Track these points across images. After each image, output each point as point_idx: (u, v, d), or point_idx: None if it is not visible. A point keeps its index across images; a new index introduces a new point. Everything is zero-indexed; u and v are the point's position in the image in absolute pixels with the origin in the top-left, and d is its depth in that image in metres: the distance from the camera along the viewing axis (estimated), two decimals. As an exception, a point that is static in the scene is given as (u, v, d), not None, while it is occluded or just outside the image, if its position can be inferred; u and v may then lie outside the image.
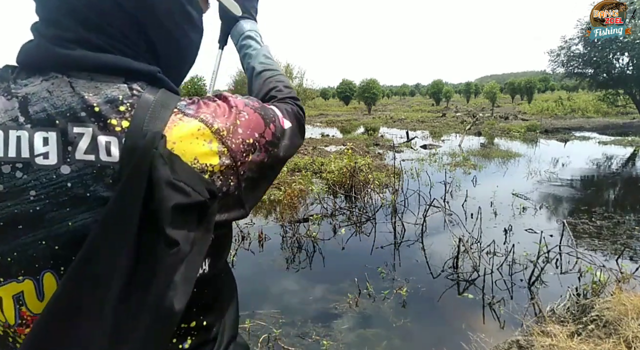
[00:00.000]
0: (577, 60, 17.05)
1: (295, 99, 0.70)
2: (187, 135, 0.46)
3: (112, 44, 0.48)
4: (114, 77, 0.47)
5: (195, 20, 0.56)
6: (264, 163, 0.54)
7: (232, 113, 0.51)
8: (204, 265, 0.51)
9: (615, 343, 2.21)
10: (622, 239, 4.21)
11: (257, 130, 0.53)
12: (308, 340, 2.60)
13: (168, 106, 0.47)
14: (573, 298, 2.87)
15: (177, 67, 0.58)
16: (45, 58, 0.46)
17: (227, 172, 0.49)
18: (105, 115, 0.44)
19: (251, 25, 0.82)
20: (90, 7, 0.46)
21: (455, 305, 3.08)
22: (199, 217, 0.43)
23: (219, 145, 0.48)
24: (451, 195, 5.91)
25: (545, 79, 40.40)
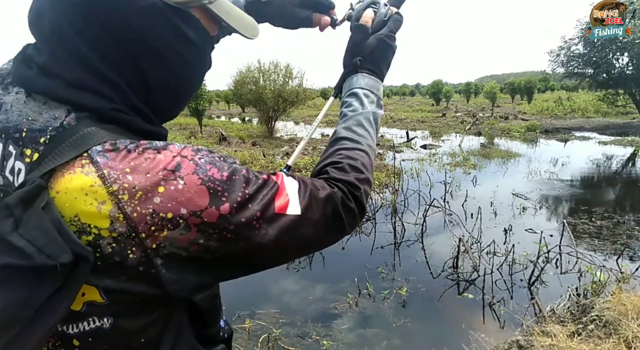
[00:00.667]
0: (577, 61, 17.04)
1: (354, 187, 0.56)
2: (75, 188, 0.41)
3: (74, 73, 0.46)
4: (61, 106, 0.45)
5: (196, 44, 0.52)
6: (206, 246, 0.44)
7: (157, 176, 0.42)
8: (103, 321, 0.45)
9: (615, 343, 2.21)
10: (622, 239, 4.21)
11: (187, 206, 0.42)
12: (308, 340, 2.60)
13: (80, 147, 0.42)
14: (573, 298, 2.87)
15: (175, 90, 0.54)
16: (17, 74, 0.48)
17: (124, 241, 0.42)
18: (27, 143, 0.44)
19: (367, 82, 0.67)
20: (80, 37, 0.45)
21: (455, 305, 3.08)
22: (52, 280, 0.38)
23: (112, 209, 0.41)
24: (451, 195, 5.91)
25: (545, 79, 40.37)
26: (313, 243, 0.53)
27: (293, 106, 14.03)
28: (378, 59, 0.68)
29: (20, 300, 0.38)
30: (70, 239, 0.39)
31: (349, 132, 0.63)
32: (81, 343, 0.46)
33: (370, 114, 0.65)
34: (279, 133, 14.86)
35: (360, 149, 0.61)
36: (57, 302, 0.39)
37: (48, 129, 0.44)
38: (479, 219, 4.44)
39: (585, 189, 6.66)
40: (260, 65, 13.51)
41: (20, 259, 0.37)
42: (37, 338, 0.39)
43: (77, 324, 0.45)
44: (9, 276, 0.38)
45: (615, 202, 5.89)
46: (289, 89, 13.35)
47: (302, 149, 0.75)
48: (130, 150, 0.43)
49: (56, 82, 0.45)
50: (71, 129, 0.44)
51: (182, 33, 0.50)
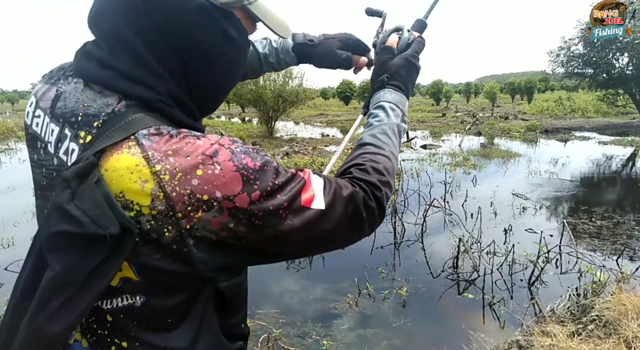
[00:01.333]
0: (577, 61, 17.04)
1: (375, 188, 0.58)
2: (122, 167, 0.44)
3: (128, 69, 0.50)
4: (115, 95, 0.50)
5: (235, 40, 0.55)
6: (236, 231, 0.47)
7: (197, 159, 0.45)
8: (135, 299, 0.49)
9: (615, 343, 2.21)
10: (622, 239, 4.21)
11: (221, 190, 0.45)
12: (308, 340, 2.60)
13: (128, 130, 0.46)
14: (573, 298, 2.87)
15: (216, 86, 0.58)
16: (77, 66, 0.54)
17: (162, 219, 0.44)
18: (81, 126, 0.49)
19: (393, 97, 0.70)
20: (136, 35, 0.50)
21: (455, 305, 3.08)
22: (101, 249, 0.42)
23: (154, 188, 0.44)
24: (451, 195, 5.91)
25: (545, 79, 40.32)
26: (333, 239, 0.55)
27: (293, 106, 14.02)
28: (403, 77, 0.72)
29: (74, 266, 0.41)
30: (118, 212, 0.42)
31: (373, 138, 0.65)
32: (113, 319, 0.49)
33: (395, 125, 0.68)
34: (279, 133, 14.86)
35: (383, 155, 0.64)
36: (104, 271, 0.42)
37: (101, 114, 0.49)
38: (479, 219, 4.44)
39: (585, 189, 6.66)
40: (260, 65, 13.49)
41: (76, 227, 0.41)
42: (85, 303, 0.42)
43: (112, 299, 0.48)
44: (65, 243, 0.42)
45: (615, 202, 5.88)
46: (289, 89, 13.35)
47: (334, 163, 0.80)
48: (172, 135, 0.47)
49: (112, 74, 0.50)
50: (121, 115, 0.48)
51: (227, 32, 0.54)
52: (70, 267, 0.41)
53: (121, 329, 0.50)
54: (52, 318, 0.41)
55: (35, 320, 0.41)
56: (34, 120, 0.55)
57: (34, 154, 0.55)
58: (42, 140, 0.53)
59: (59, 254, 0.42)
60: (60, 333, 0.41)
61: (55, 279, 0.41)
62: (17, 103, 52.39)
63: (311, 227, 0.51)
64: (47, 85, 0.55)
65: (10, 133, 15.30)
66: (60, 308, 0.41)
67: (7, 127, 16.07)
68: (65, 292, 0.41)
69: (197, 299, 0.53)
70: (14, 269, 3.55)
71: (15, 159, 10.10)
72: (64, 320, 0.41)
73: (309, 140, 12.48)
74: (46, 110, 0.53)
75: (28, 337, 0.41)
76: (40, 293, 0.42)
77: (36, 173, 0.54)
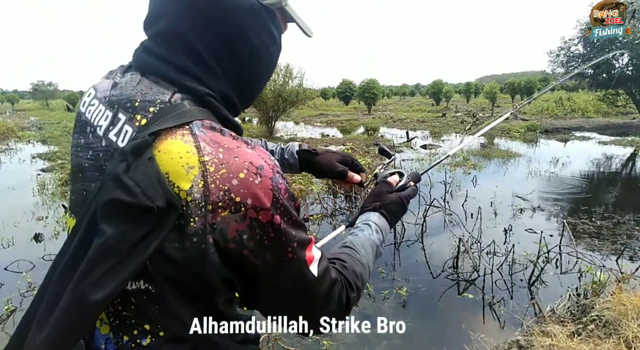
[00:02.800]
0: (577, 61, 17.04)
1: (351, 288, 0.61)
2: (174, 150, 0.47)
3: (183, 64, 0.54)
4: (170, 86, 0.54)
5: (276, 38, 0.60)
6: (243, 247, 0.48)
7: (243, 164, 0.48)
8: (149, 286, 0.49)
9: (615, 343, 2.21)
10: (622, 239, 4.21)
11: (253, 199, 0.47)
12: (308, 340, 2.60)
13: (183, 119, 0.50)
14: (573, 298, 2.87)
15: (258, 81, 0.62)
16: (136, 60, 0.58)
17: (193, 208, 0.46)
18: (137, 110, 0.52)
19: (381, 222, 0.77)
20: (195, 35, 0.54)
21: (455, 305, 3.08)
22: (147, 221, 0.44)
23: (197, 175, 0.46)
24: (451, 195, 5.91)
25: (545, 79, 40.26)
26: (308, 308, 0.57)
27: (293, 106, 14.02)
28: (393, 211, 0.81)
29: (121, 234, 0.44)
30: (166, 188, 0.45)
31: (358, 246, 0.70)
32: (136, 301, 0.50)
33: (375, 245, 0.74)
34: (279, 133, 14.86)
35: (362, 263, 0.68)
36: (147, 243, 0.44)
37: (157, 101, 0.52)
38: (479, 219, 4.44)
39: (585, 189, 6.66)
40: (260, 65, 13.49)
41: (128, 196, 0.43)
42: (126, 273, 0.44)
43: (136, 281, 0.49)
44: (116, 210, 0.44)
45: (615, 202, 5.88)
46: (289, 89, 13.34)
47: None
48: (224, 133, 0.50)
49: (168, 67, 0.54)
50: (176, 105, 0.51)
51: (270, 30, 0.59)
52: (118, 235, 0.43)
53: (144, 312, 0.51)
54: (95, 285, 0.43)
55: (79, 286, 0.43)
56: (89, 108, 0.58)
57: (81, 139, 0.58)
58: (92, 125, 0.56)
59: (110, 221, 0.44)
60: (101, 300, 0.43)
61: (103, 245, 0.43)
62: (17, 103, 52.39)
63: (302, 282, 0.54)
64: (107, 79, 0.60)
65: (10, 133, 15.29)
66: (104, 276, 0.43)
67: (7, 127, 16.06)
68: (110, 260, 0.43)
69: (211, 298, 0.54)
70: (13, 269, 3.54)
71: (15, 159, 10.10)
72: (106, 288, 0.43)
73: (309, 140, 12.47)
74: (102, 99, 0.57)
75: (71, 302, 0.43)
76: (87, 260, 0.44)
77: (80, 157, 0.57)
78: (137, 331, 0.51)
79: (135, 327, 0.51)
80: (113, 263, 0.43)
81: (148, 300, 0.50)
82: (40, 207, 5.64)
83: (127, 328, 0.51)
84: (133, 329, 0.51)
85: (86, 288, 0.43)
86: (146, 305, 0.50)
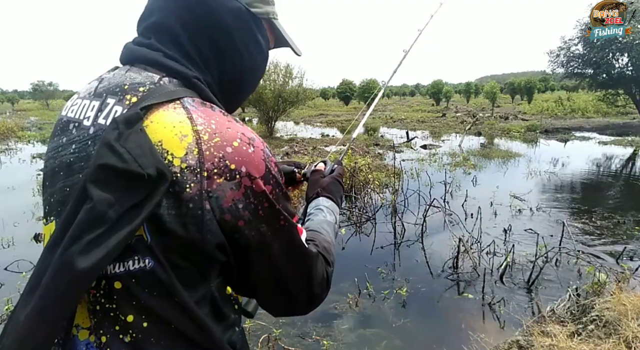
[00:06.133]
0: (577, 61, 17.05)
1: (328, 263, 0.65)
2: (167, 121, 0.48)
3: (171, 52, 0.56)
4: (158, 71, 0.55)
5: (262, 45, 0.63)
6: (239, 217, 0.49)
7: (236, 134, 0.50)
8: (145, 263, 0.48)
9: (615, 343, 2.21)
10: (622, 239, 4.21)
11: (248, 167, 0.49)
12: (308, 340, 2.59)
13: (172, 96, 0.51)
14: (573, 298, 2.87)
15: (240, 83, 0.64)
16: (125, 54, 0.59)
17: (188, 174, 0.46)
18: (127, 92, 0.52)
19: (329, 204, 0.82)
20: (178, 19, 0.57)
21: (455, 305, 3.08)
22: (138, 189, 0.44)
23: (191, 142, 0.47)
24: (451, 195, 5.91)
25: (545, 79, 40.28)
26: (304, 280, 0.58)
27: (293, 106, 14.03)
28: (332, 190, 0.85)
29: (110, 200, 0.43)
30: (157, 158, 0.45)
31: (318, 227, 0.74)
32: (123, 285, 0.48)
33: (332, 224, 0.78)
34: (279, 133, 14.86)
35: (327, 241, 0.71)
36: (137, 212, 0.44)
37: (147, 83, 0.53)
38: (478, 219, 4.44)
39: (585, 188, 6.66)
40: (260, 65, 13.49)
41: (119, 162, 0.44)
42: (114, 242, 0.43)
43: (125, 261, 0.48)
44: (107, 175, 0.44)
45: (615, 202, 5.88)
46: (289, 89, 13.35)
47: None
48: (214, 109, 0.52)
49: (157, 54, 0.56)
50: (165, 86, 0.53)
51: (255, 35, 0.62)
52: (107, 200, 0.43)
53: (129, 298, 0.48)
54: (82, 252, 0.42)
55: (66, 252, 0.42)
56: (71, 108, 0.59)
57: (62, 138, 0.56)
58: (77, 120, 0.56)
59: (100, 186, 0.44)
60: (88, 269, 0.42)
61: (92, 211, 0.43)
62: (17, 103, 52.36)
63: (296, 249, 0.56)
64: (91, 82, 0.61)
65: (10, 133, 15.29)
66: (91, 243, 0.42)
67: (7, 127, 16.06)
68: (98, 227, 0.43)
69: (206, 277, 0.52)
70: (13, 269, 3.55)
71: (15, 159, 10.10)
72: (92, 256, 0.42)
73: (309, 140, 12.47)
74: (86, 96, 0.58)
75: (58, 269, 0.43)
76: (75, 226, 0.43)
77: (61, 156, 0.55)
78: (119, 326, 0.49)
79: (117, 322, 0.49)
80: (102, 231, 0.42)
81: (137, 282, 0.48)
82: (40, 207, 5.63)
83: (107, 324, 0.49)
84: (115, 324, 0.49)
85: (73, 254, 0.42)
86: (135, 289, 0.48)
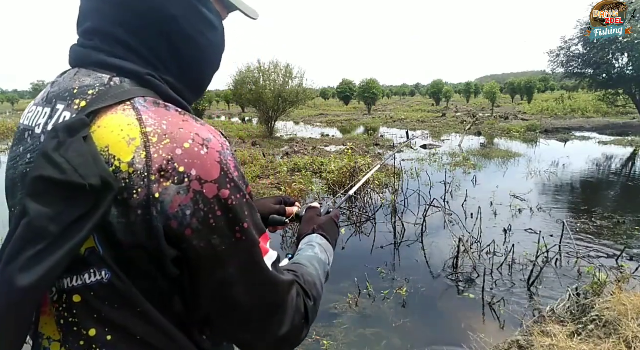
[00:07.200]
0: (577, 61, 17.04)
1: (308, 296, 0.59)
2: (114, 124, 0.46)
3: (118, 52, 0.53)
4: (107, 72, 0.52)
5: (213, 22, 0.59)
6: (186, 225, 0.45)
7: (189, 135, 0.46)
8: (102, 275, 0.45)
9: (615, 343, 2.21)
10: (622, 239, 4.21)
11: (198, 170, 0.45)
12: (308, 340, 2.59)
13: (124, 97, 0.48)
14: (573, 298, 2.87)
15: (200, 66, 0.60)
16: (72, 57, 0.56)
17: (135, 179, 0.44)
18: (76, 96, 0.50)
19: (324, 243, 0.76)
20: (115, 21, 0.53)
21: (455, 305, 3.08)
22: (81, 202, 0.41)
23: (139, 146, 0.44)
24: (451, 195, 5.91)
25: (545, 79, 40.27)
26: (266, 315, 0.52)
27: (293, 106, 14.02)
28: (328, 230, 0.81)
29: (50, 214, 0.41)
30: (102, 166, 0.43)
31: (305, 262, 0.68)
32: (82, 298, 0.46)
33: (323, 262, 0.72)
34: (279, 133, 14.86)
35: (312, 275, 0.65)
36: (81, 225, 0.42)
37: (96, 85, 0.51)
38: (478, 219, 4.45)
39: (585, 188, 6.66)
40: (260, 65, 13.50)
41: (58, 173, 0.41)
42: (57, 258, 0.41)
43: (82, 274, 0.46)
44: (45, 188, 0.41)
45: (615, 202, 5.88)
46: (289, 89, 13.35)
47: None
48: (169, 108, 0.49)
49: (104, 55, 0.53)
50: (116, 87, 0.50)
51: (203, 14, 0.57)
52: (46, 214, 0.40)
53: (90, 312, 0.46)
54: (22, 269, 0.40)
55: (5, 270, 0.40)
56: (27, 115, 0.56)
57: (19, 147, 0.54)
58: (30, 128, 0.53)
59: (38, 199, 0.41)
60: (29, 286, 0.39)
61: (30, 226, 0.40)
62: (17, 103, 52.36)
63: (254, 273, 0.50)
64: (46, 88, 0.58)
65: (10, 133, 15.30)
66: (32, 259, 0.40)
67: (7, 127, 16.08)
68: (39, 243, 0.40)
69: (167, 288, 0.48)
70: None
71: (15, 159, 10.10)
72: (34, 273, 0.40)
73: (309, 140, 12.47)
74: (39, 102, 0.56)
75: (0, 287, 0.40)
76: (14, 243, 0.41)
77: (19, 166, 0.52)
78: (83, 341, 0.47)
79: (81, 336, 0.47)
80: (42, 247, 0.40)
81: (96, 295, 0.46)
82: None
83: (72, 339, 0.47)
84: (79, 339, 0.47)
85: (12, 272, 0.39)
86: (95, 302, 0.46)
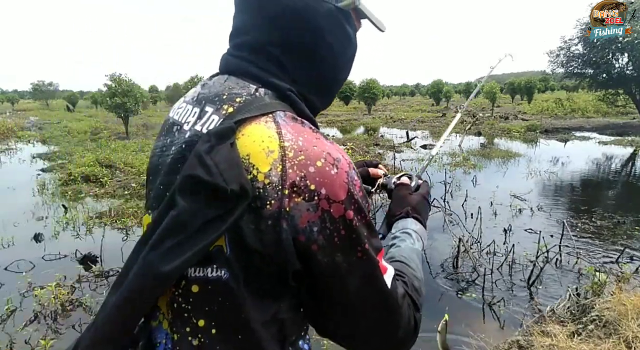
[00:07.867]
0: (577, 61, 17.06)
1: (416, 308, 0.58)
2: (257, 134, 0.49)
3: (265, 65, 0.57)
4: (254, 82, 0.56)
5: (351, 38, 0.62)
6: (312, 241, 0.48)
7: (321, 153, 0.49)
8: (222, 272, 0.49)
9: (615, 343, 2.21)
10: (622, 239, 4.21)
11: (327, 189, 0.47)
12: (308, 340, 2.59)
13: (266, 110, 0.52)
14: (573, 298, 2.87)
15: (336, 80, 0.64)
16: (223, 64, 0.62)
17: (270, 190, 0.46)
18: (225, 101, 0.55)
19: (418, 228, 0.73)
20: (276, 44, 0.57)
21: (455, 305, 3.08)
22: (220, 203, 0.45)
23: (276, 159, 0.47)
24: (451, 195, 5.91)
25: (545, 79, 40.24)
26: (385, 327, 0.54)
27: (293, 106, 14.00)
28: (421, 211, 0.78)
29: (194, 209, 0.45)
30: (242, 174, 0.46)
31: (407, 259, 0.66)
32: (200, 290, 0.50)
33: (420, 254, 0.71)
34: (279, 133, 14.83)
35: (417, 278, 0.64)
36: (217, 225, 0.45)
37: (243, 93, 0.55)
38: (478, 219, 4.44)
39: (585, 189, 6.66)
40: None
41: (206, 174, 0.45)
42: (192, 250, 0.45)
43: (205, 267, 0.49)
44: (194, 186, 0.45)
45: (615, 202, 5.88)
46: (289, 89, 13.33)
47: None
48: (304, 125, 0.52)
49: (252, 66, 0.57)
50: (260, 98, 0.54)
51: (346, 31, 0.61)
52: (191, 210, 0.45)
53: (204, 303, 0.50)
54: (162, 257, 0.44)
55: (149, 255, 0.45)
56: (177, 111, 0.62)
57: (167, 139, 0.60)
58: (179, 123, 0.59)
59: (185, 195, 0.46)
60: (167, 272, 0.44)
61: (176, 218, 0.45)
62: (17, 103, 52.36)
63: (374, 289, 0.52)
64: (195, 87, 0.63)
65: (10, 133, 15.30)
66: (171, 249, 0.44)
67: (7, 127, 16.07)
68: (179, 234, 0.45)
69: (277, 297, 0.52)
70: (13, 269, 3.54)
71: (15, 159, 10.11)
72: (171, 261, 0.44)
73: (309, 140, 12.45)
74: (190, 100, 0.61)
75: (140, 269, 0.45)
76: (159, 232, 0.45)
77: (164, 155, 0.58)
78: (190, 328, 0.50)
79: (189, 323, 0.50)
80: (180, 239, 0.45)
81: (213, 290, 0.49)
82: (40, 207, 5.64)
83: (180, 324, 0.51)
84: (186, 325, 0.51)
85: (154, 258, 0.44)
86: (210, 295, 0.49)
